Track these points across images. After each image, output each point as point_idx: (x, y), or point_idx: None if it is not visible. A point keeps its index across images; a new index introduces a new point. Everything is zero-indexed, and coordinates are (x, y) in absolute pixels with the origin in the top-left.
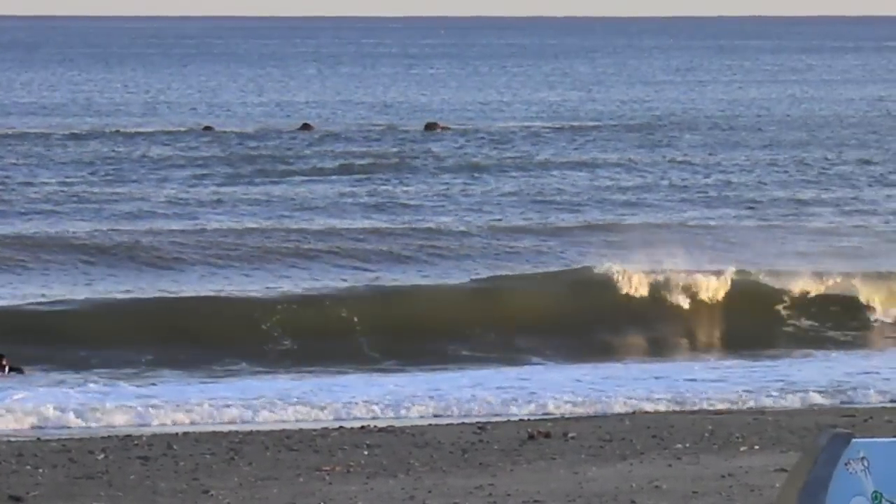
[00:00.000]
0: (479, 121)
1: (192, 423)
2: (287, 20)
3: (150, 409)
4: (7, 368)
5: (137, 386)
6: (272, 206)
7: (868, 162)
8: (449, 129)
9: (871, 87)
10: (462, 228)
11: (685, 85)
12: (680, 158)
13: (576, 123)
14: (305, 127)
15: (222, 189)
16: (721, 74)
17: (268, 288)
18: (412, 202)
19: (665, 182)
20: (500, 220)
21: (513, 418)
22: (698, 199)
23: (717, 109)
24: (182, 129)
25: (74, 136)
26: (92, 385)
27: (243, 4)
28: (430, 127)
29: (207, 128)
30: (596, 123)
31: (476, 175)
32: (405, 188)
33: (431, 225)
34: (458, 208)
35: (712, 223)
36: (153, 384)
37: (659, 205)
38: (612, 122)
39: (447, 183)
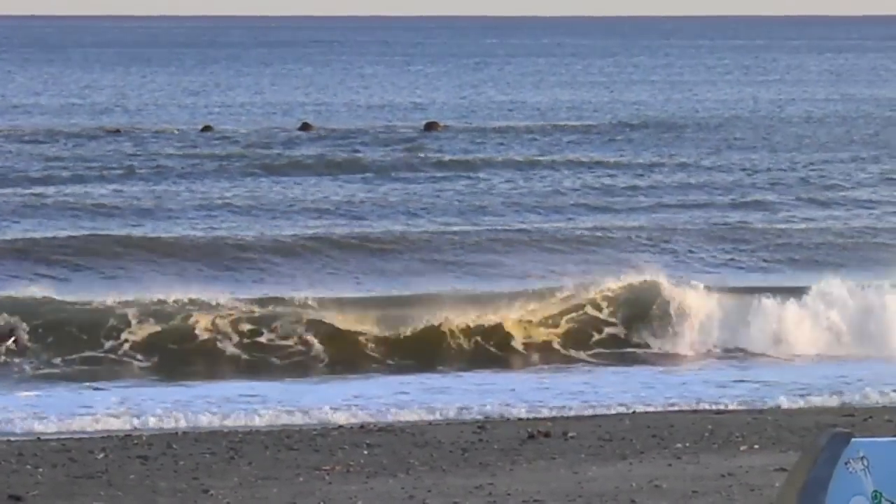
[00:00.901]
0: (478, 120)
1: (192, 422)
2: (285, 20)
3: (149, 408)
4: (18, 343)
5: (137, 385)
6: (271, 205)
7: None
8: (449, 128)
9: (860, 87)
10: (467, 228)
11: (682, 84)
12: (680, 160)
13: (577, 123)
14: (305, 126)
15: (221, 188)
16: (712, 74)
17: (267, 289)
18: (414, 202)
19: (669, 183)
20: (502, 220)
21: (512, 418)
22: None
23: (714, 110)
24: (181, 128)
25: (72, 135)
26: (91, 384)
27: (242, 4)
28: (430, 126)
29: (207, 127)
30: (594, 123)
31: (477, 175)
32: (407, 187)
33: (434, 226)
34: (460, 208)
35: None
36: (152, 384)
37: (659, 207)
38: (609, 121)
39: (449, 182)
